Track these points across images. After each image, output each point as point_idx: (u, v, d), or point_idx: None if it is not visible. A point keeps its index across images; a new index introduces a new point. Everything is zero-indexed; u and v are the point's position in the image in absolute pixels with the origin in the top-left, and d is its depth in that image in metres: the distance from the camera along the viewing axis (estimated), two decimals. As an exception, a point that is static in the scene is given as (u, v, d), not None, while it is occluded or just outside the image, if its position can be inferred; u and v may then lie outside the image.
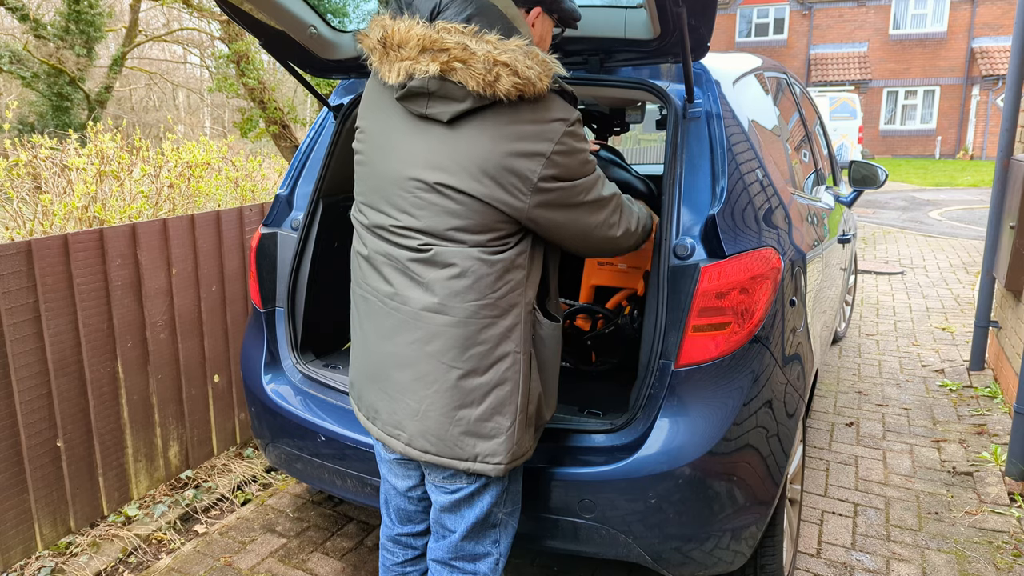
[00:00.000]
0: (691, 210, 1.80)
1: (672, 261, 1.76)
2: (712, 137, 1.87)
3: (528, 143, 1.36)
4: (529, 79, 1.32)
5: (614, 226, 1.58)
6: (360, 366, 1.62)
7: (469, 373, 1.46)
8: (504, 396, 1.48)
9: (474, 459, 1.49)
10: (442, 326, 1.45)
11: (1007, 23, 22.14)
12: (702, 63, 1.98)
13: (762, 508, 1.84)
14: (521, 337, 1.49)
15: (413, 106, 1.40)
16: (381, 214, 1.49)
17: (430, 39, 1.31)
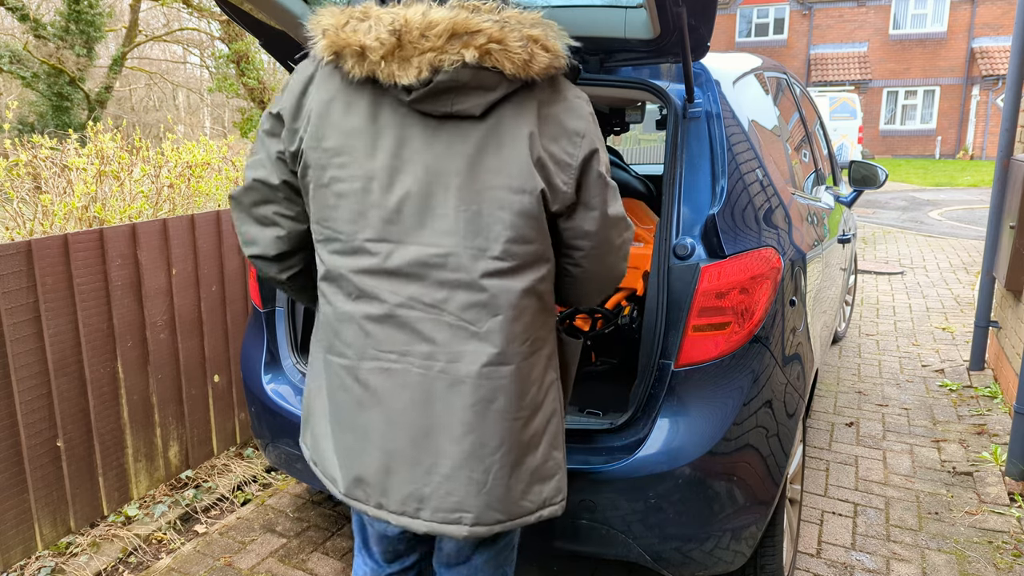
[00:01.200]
0: (691, 210, 1.80)
1: (672, 261, 1.76)
2: (712, 137, 1.87)
3: (565, 124, 1.21)
4: (558, 53, 1.19)
5: (626, 233, 1.39)
6: (377, 455, 1.28)
7: (529, 418, 1.29)
8: (555, 429, 1.35)
9: (542, 506, 1.32)
10: (504, 378, 1.24)
11: (1007, 23, 22.14)
12: (702, 63, 1.98)
13: (762, 508, 1.84)
14: (556, 362, 1.37)
15: (433, 106, 1.17)
16: (412, 247, 1.21)
17: (464, 22, 1.11)
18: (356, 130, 1.20)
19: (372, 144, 1.20)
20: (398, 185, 1.20)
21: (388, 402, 1.26)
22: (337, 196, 1.22)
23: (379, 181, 1.20)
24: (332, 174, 1.22)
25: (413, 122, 1.19)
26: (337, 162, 1.21)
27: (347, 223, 1.23)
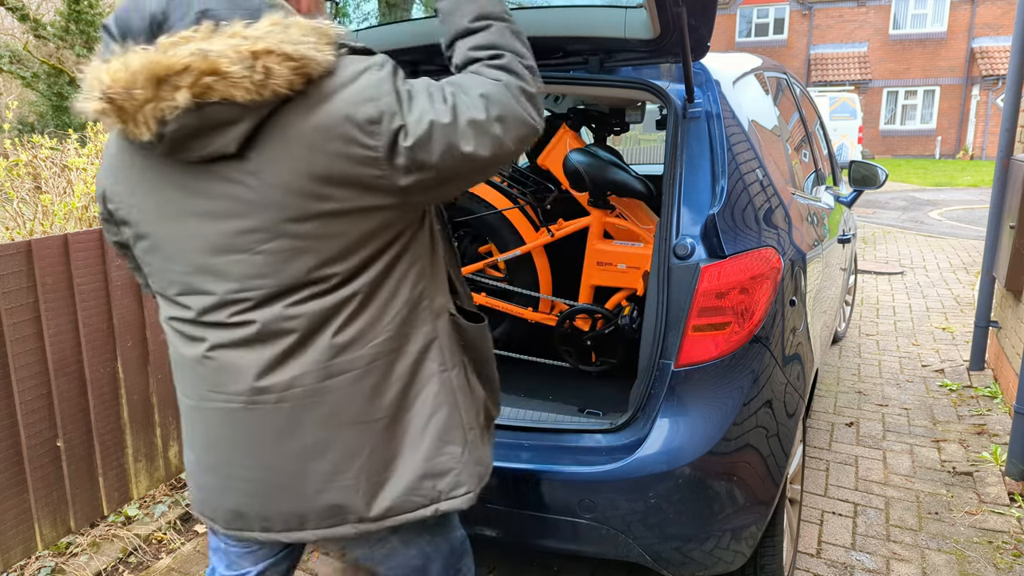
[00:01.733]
0: (691, 210, 1.80)
1: (672, 261, 1.76)
2: (712, 137, 1.87)
3: (352, 114, 1.06)
4: (307, 56, 1.03)
5: (465, 124, 1.12)
6: (238, 492, 1.25)
7: (395, 419, 1.24)
8: (446, 424, 1.27)
9: (437, 499, 1.27)
10: (346, 386, 1.19)
11: (1007, 23, 22.14)
12: (702, 63, 1.98)
13: (762, 508, 1.84)
14: (442, 353, 1.28)
15: (189, 154, 1.07)
16: (207, 296, 1.16)
17: (159, 64, 0.99)
18: (137, 188, 1.16)
19: (157, 200, 1.15)
20: (190, 236, 1.14)
21: (232, 439, 1.23)
22: (145, 253, 1.21)
23: (174, 233, 1.15)
24: (133, 232, 1.21)
25: (183, 170, 1.11)
26: (135, 219, 1.19)
27: (158, 278, 1.22)
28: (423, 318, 1.26)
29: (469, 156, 1.11)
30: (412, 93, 1.11)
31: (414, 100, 1.10)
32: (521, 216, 2.47)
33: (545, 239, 2.46)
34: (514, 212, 2.45)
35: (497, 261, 2.54)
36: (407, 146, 1.08)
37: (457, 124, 1.10)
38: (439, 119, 1.09)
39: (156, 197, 1.15)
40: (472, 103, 1.11)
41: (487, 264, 2.59)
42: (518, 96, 1.16)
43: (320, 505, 1.25)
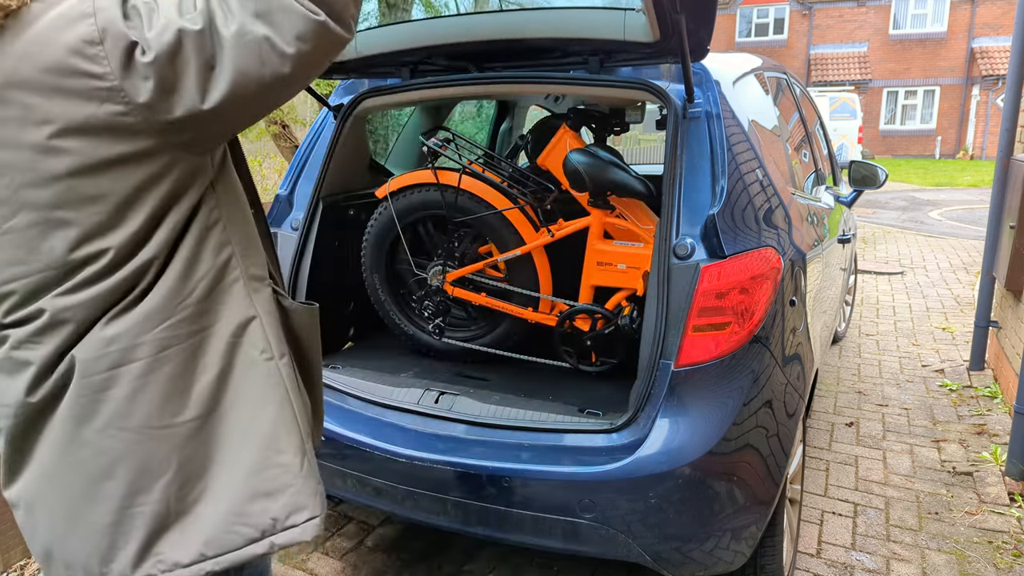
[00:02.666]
0: (691, 210, 1.81)
1: (672, 261, 1.76)
2: (712, 137, 1.87)
3: (62, 39, 0.84)
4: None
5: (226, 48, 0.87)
6: (48, 515, 0.99)
7: (208, 417, 0.99)
8: (274, 425, 1.02)
9: (272, 529, 1.01)
10: (131, 382, 0.95)
11: (1007, 23, 22.13)
12: (702, 63, 1.98)
13: (762, 508, 1.84)
14: (265, 337, 1.03)
15: None
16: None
17: None
18: None
19: None
20: None
21: (36, 456, 1.01)
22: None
23: None
24: None
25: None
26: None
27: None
28: (235, 291, 1.01)
29: (238, 71, 0.87)
30: (150, 3, 0.87)
31: (155, 11, 0.86)
32: (521, 216, 2.47)
33: (545, 239, 2.46)
34: (514, 212, 2.45)
35: (497, 261, 2.54)
36: (147, 62, 0.85)
37: (214, 29, 0.86)
38: (189, 27, 0.85)
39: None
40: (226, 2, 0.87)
41: (487, 264, 2.59)
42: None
43: (117, 543, 0.98)
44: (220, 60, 0.87)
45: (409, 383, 2.16)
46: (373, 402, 2.07)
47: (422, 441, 1.91)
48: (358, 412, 2.07)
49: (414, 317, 2.72)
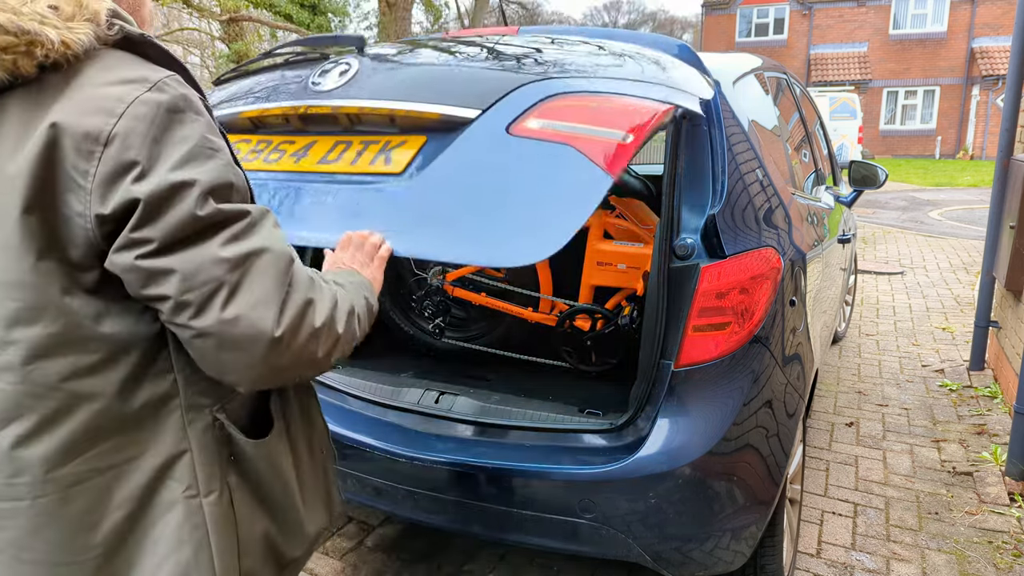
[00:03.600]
0: (691, 210, 1.80)
1: (672, 261, 1.76)
2: (712, 137, 1.87)
3: (71, 129, 0.79)
4: (31, 31, 0.78)
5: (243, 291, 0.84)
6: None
7: (110, 557, 0.91)
8: (183, 568, 0.93)
9: None
10: (37, 515, 0.87)
11: (1007, 23, 22.14)
12: (702, 63, 1.98)
13: (762, 508, 1.84)
14: (195, 473, 0.94)
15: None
16: None
17: None
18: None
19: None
20: None
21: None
22: None
23: None
24: None
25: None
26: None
27: None
28: (170, 422, 0.92)
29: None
30: (186, 158, 0.82)
31: (183, 169, 0.81)
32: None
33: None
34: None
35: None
36: (133, 194, 0.79)
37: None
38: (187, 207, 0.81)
39: None
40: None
41: (487, 264, 2.59)
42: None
43: None
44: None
45: (409, 383, 2.16)
46: (373, 402, 2.07)
47: (422, 441, 1.91)
48: (358, 412, 2.07)
49: (414, 317, 2.72)
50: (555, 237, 1.30)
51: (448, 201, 1.44)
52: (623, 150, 1.40)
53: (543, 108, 1.50)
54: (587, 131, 1.43)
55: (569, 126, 1.45)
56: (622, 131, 1.42)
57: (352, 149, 1.60)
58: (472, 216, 1.41)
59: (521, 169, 1.44)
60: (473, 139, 1.48)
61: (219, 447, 0.97)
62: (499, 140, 1.47)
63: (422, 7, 26.91)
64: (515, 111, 1.50)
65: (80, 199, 0.80)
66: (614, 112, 1.48)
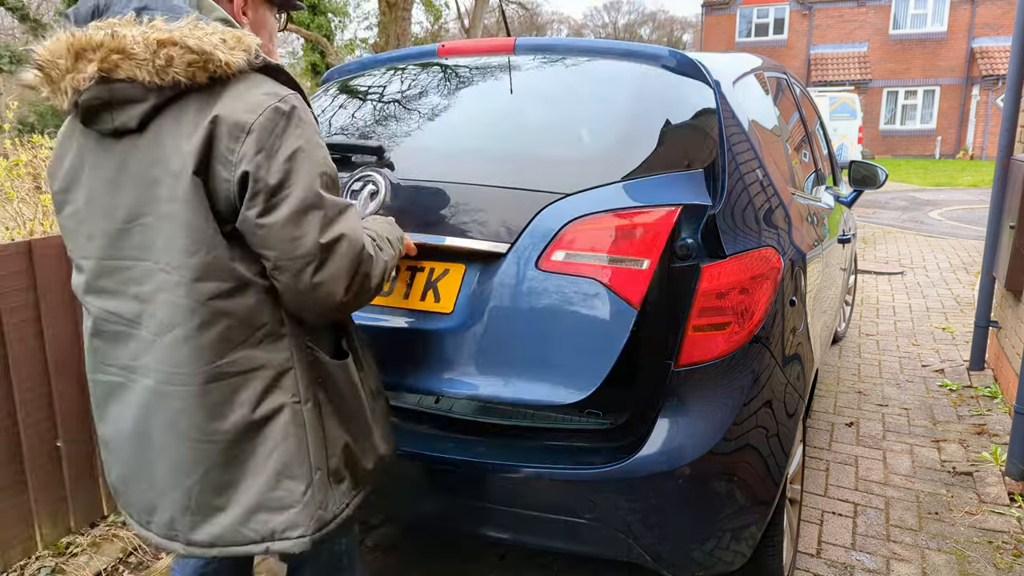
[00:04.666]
0: (691, 210, 1.80)
1: (672, 261, 1.76)
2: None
3: (227, 119, 1.13)
4: (207, 51, 1.11)
5: (328, 268, 1.19)
6: (116, 466, 1.35)
7: (234, 443, 1.23)
8: (289, 457, 1.25)
9: (271, 537, 1.26)
10: (184, 398, 1.21)
11: (1007, 23, 22.14)
12: (703, 63, 1.98)
13: (762, 508, 1.84)
14: (298, 385, 1.26)
15: (101, 125, 1.18)
16: (109, 262, 1.24)
17: (80, 41, 1.12)
18: (67, 163, 1.27)
19: (77, 174, 1.25)
20: (89, 200, 1.23)
21: (114, 414, 1.31)
22: (69, 221, 1.28)
23: (88, 203, 1.24)
24: (60, 207, 1.29)
25: (97, 143, 1.22)
26: (61, 197, 1.28)
27: (69, 240, 1.29)
28: (281, 345, 1.25)
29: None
30: (296, 153, 1.15)
31: (294, 163, 1.15)
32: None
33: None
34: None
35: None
36: (260, 169, 1.14)
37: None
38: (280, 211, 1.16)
39: (81, 167, 1.24)
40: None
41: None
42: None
43: (159, 510, 1.29)
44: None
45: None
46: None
47: (422, 441, 1.91)
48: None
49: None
50: (588, 382, 1.57)
51: (493, 345, 1.63)
52: (643, 277, 1.56)
53: (564, 238, 1.60)
54: (608, 260, 1.57)
55: (591, 256, 1.57)
56: (640, 258, 1.56)
57: (401, 279, 1.77)
58: (513, 360, 1.62)
59: (555, 307, 1.60)
60: (509, 277, 1.62)
61: (312, 368, 1.29)
62: (532, 277, 1.60)
63: (422, 7, 26.91)
64: (540, 244, 1.61)
65: (227, 169, 1.13)
66: (629, 235, 1.59)
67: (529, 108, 1.98)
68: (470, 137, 1.93)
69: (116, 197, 1.20)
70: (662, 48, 1.98)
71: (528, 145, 1.81)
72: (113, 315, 1.25)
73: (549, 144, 1.82)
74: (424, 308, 1.72)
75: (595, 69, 2.03)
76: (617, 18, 49.29)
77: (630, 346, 1.57)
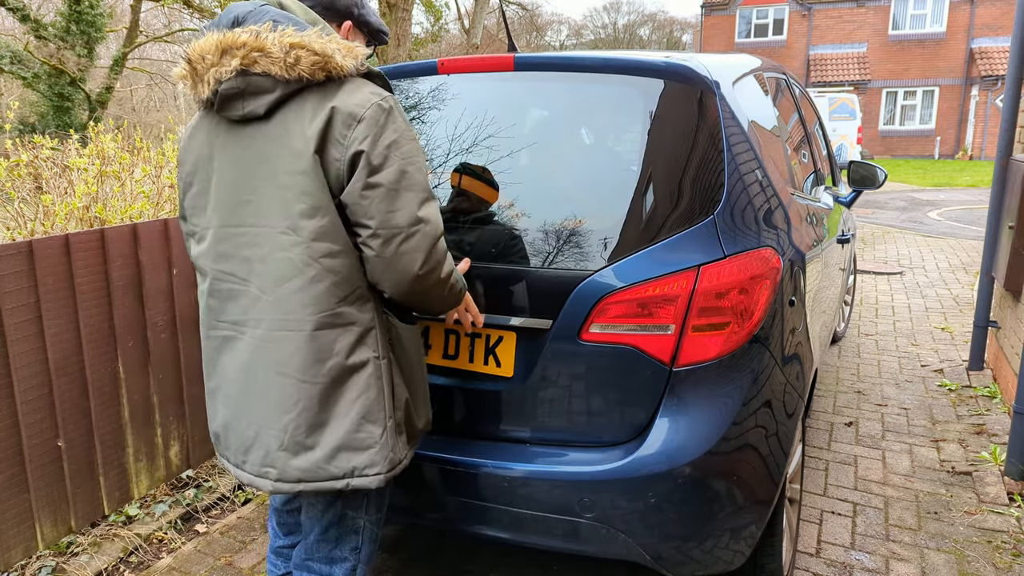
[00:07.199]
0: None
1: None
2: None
3: (342, 110, 1.37)
4: (328, 54, 1.37)
5: (412, 241, 1.41)
6: (221, 412, 1.56)
7: (330, 386, 1.44)
8: (371, 403, 1.47)
9: (351, 474, 1.46)
10: (293, 342, 1.43)
11: (1006, 23, 22.15)
12: (702, 63, 1.98)
13: (761, 507, 1.85)
14: (378, 342, 1.48)
15: (232, 112, 1.42)
16: (226, 229, 1.48)
17: (227, 40, 1.37)
18: (196, 147, 1.53)
19: (207, 153, 1.50)
20: (216, 177, 1.48)
21: (223, 364, 1.53)
22: (192, 196, 1.55)
23: (207, 176, 1.49)
24: (187, 181, 1.55)
25: (224, 128, 1.46)
26: (190, 172, 1.54)
27: (192, 216, 1.55)
28: (367, 307, 1.47)
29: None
30: (395, 142, 1.39)
31: (393, 149, 1.39)
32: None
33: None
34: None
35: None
36: (366, 151, 1.37)
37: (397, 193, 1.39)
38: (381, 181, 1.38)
39: (210, 150, 1.49)
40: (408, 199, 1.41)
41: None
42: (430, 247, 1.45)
43: (255, 447, 1.48)
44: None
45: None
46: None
47: (421, 440, 1.92)
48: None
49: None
50: (631, 433, 1.76)
51: (547, 406, 1.83)
52: (670, 341, 1.73)
53: (599, 312, 1.76)
54: (641, 330, 1.74)
55: (625, 328, 1.75)
56: (668, 323, 1.72)
57: (464, 345, 1.93)
58: (564, 423, 1.82)
59: (599, 372, 1.77)
60: (556, 347, 1.80)
61: (388, 330, 1.52)
62: (576, 347, 1.78)
63: (422, 8, 26.90)
64: (579, 318, 1.77)
65: (339, 151, 1.38)
66: (652, 307, 1.74)
67: (545, 174, 1.98)
68: (496, 214, 1.95)
69: (240, 173, 1.43)
70: (659, 59, 1.94)
71: (553, 219, 1.87)
72: (228, 275, 1.48)
73: (572, 217, 1.86)
74: (487, 372, 1.90)
75: (599, 101, 1.99)
76: (617, 19, 49.25)
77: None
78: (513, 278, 1.85)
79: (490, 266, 1.87)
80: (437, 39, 29.63)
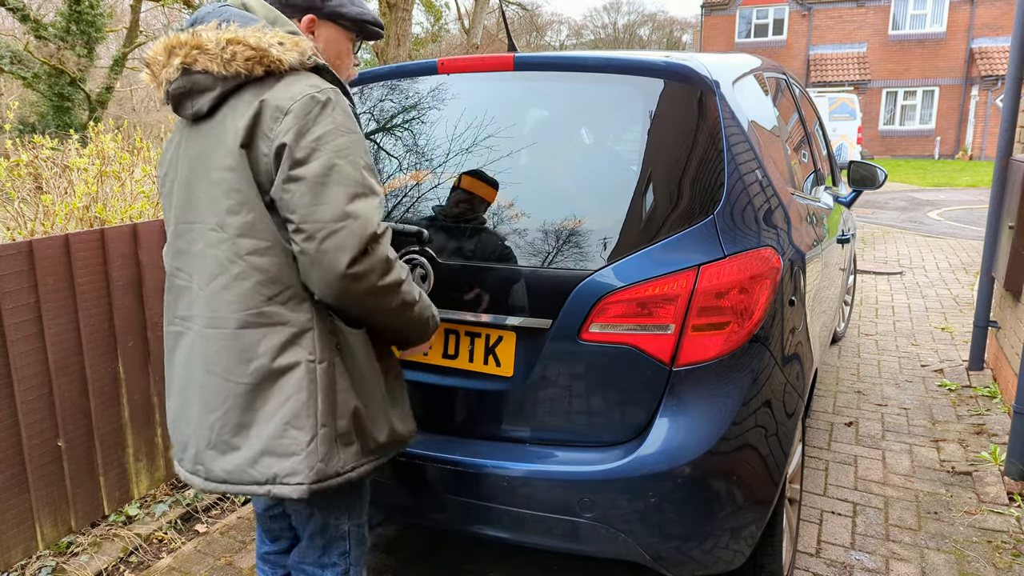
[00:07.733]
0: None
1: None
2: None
3: (270, 103, 1.34)
4: (264, 48, 1.35)
5: (337, 237, 1.31)
6: (171, 407, 1.55)
7: (256, 388, 1.39)
8: (299, 408, 1.38)
9: (273, 480, 1.39)
10: (219, 340, 1.40)
11: (1006, 23, 22.15)
12: (702, 63, 1.98)
13: (761, 507, 1.85)
14: (315, 345, 1.40)
15: (184, 111, 1.44)
16: (180, 226, 1.49)
17: (172, 41, 1.39)
18: (170, 151, 1.55)
19: (174, 155, 1.52)
20: (177, 176, 1.49)
21: (174, 361, 1.52)
22: (164, 199, 1.57)
23: (178, 182, 1.49)
24: (161, 180, 1.58)
25: (186, 128, 1.48)
26: (165, 175, 1.56)
27: (166, 216, 1.55)
28: (303, 307, 1.41)
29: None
30: (325, 135, 1.33)
31: (322, 143, 1.33)
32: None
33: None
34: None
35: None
36: (291, 144, 1.32)
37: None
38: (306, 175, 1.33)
39: (176, 151, 1.51)
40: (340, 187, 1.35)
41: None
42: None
43: (190, 444, 1.47)
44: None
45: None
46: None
47: (421, 440, 1.92)
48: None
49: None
50: (631, 433, 1.75)
51: (547, 406, 1.83)
52: (670, 341, 1.72)
53: (599, 312, 1.75)
54: (641, 330, 1.74)
55: (625, 327, 1.74)
56: (668, 323, 1.72)
57: (463, 345, 1.92)
58: (564, 423, 1.82)
59: (599, 371, 1.77)
60: (556, 347, 1.79)
61: (331, 333, 1.43)
62: (576, 346, 1.77)
63: (422, 8, 26.91)
64: (578, 318, 1.76)
65: (266, 144, 1.34)
66: (652, 307, 1.73)
67: (545, 174, 1.97)
68: (495, 213, 1.94)
69: (189, 171, 1.44)
70: (659, 59, 1.94)
71: (553, 219, 1.86)
72: (179, 271, 1.49)
73: (572, 217, 1.86)
74: (487, 371, 1.89)
75: (599, 101, 1.98)
76: (617, 19, 49.26)
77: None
78: (513, 278, 1.85)
79: (490, 266, 1.87)
80: (437, 39, 29.64)
